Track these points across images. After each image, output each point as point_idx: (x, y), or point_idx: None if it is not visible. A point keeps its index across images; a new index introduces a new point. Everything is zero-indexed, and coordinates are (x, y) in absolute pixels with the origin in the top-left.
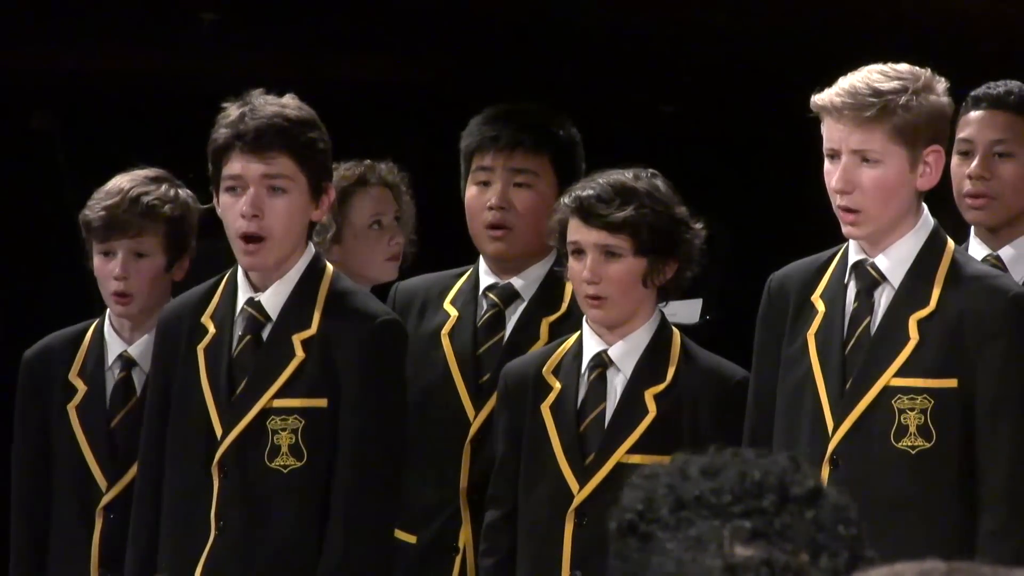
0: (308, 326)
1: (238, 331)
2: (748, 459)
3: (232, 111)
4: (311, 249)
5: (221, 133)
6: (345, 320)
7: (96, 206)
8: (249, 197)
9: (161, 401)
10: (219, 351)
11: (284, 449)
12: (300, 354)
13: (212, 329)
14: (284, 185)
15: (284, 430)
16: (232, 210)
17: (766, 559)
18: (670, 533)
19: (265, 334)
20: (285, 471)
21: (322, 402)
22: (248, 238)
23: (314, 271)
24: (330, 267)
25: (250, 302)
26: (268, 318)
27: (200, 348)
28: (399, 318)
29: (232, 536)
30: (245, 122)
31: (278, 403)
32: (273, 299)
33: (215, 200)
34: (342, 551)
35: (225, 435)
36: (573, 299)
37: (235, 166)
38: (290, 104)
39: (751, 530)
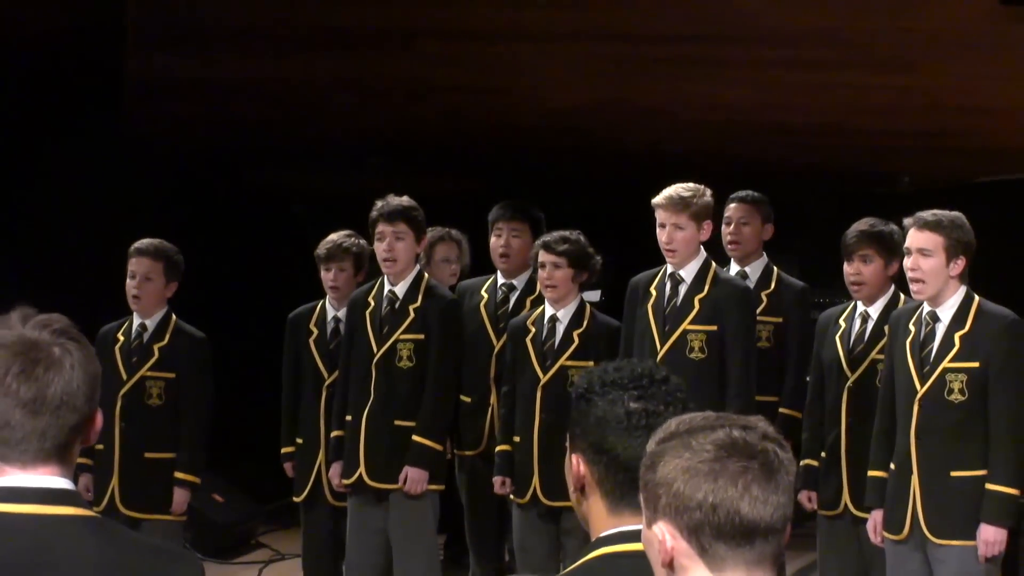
0: (416, 301)
1: (384, 304)
2: (635, 363)
3: (379, 203)
4: (418, 267)
5: (374, 214)
6: (433, 299)
7: (322, 248)
8: (386, 243)
9: (349, 340)
10: (376, 313)
11: (404, 358)
12: (412, 315)
13: (372, 303)
14: (403, 237)
15: (404, 349)
16: (379, 248)
17: (644, 409)
18: (599, 398)
19: (396, 305)
20: (405, 369)
21: (422, 336)
22: (386, 260)
23: (419, 277)
24: (427, 275)
25: (390, 292)
26: (397, 298)
27: (368, 312)
28: (459, 299)
29: (380, 398)
30: (383, 208)
31: (402, 337)
32: (400, 290)
33: (374, 245)
34: (431, 405)
35: (377, 351)
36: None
37: (379, 228)
38: (405, 199)
39: (637, 395)
